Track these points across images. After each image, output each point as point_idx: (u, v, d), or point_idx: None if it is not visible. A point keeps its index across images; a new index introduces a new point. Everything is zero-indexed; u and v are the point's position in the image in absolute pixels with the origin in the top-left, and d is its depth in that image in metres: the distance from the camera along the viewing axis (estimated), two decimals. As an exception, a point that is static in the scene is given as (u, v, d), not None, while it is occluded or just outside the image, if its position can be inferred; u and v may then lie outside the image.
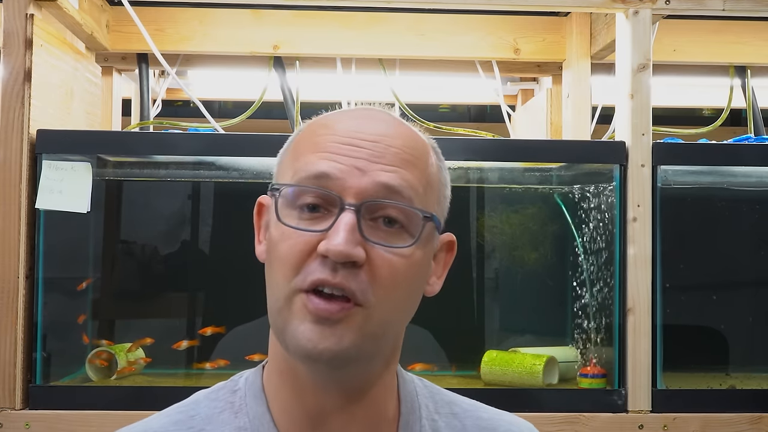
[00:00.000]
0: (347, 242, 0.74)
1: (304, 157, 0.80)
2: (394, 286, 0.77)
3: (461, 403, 0.91)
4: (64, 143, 1.70)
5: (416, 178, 0.79)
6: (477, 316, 2.02)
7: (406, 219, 0.78)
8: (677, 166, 1.80)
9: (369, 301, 0.76)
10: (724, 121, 2.16)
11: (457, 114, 3.31)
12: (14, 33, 1.63)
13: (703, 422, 1.69)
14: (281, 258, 0.77)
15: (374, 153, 0.78)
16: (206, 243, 2.02)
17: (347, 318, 0.75)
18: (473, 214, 2.00)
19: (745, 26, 2.13)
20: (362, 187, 0.76)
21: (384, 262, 0.76)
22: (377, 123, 0.82)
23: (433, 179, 0.83)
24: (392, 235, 0.77)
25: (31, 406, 1.64)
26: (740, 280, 2.03)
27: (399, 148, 0.79)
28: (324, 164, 0.77)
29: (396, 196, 0.77)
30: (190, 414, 0.85)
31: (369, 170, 0.77)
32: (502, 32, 2.12)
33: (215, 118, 2.00)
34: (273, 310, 0.79)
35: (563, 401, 1.73)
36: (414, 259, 0.78)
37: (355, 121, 0.81)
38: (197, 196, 1.99)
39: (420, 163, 0.81)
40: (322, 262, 0.75)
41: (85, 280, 1.90)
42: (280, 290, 0.77)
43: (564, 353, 1.86)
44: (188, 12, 2.06)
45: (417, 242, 0.78)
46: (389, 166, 0.78)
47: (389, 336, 0.81)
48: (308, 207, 0.77)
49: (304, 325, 0.75)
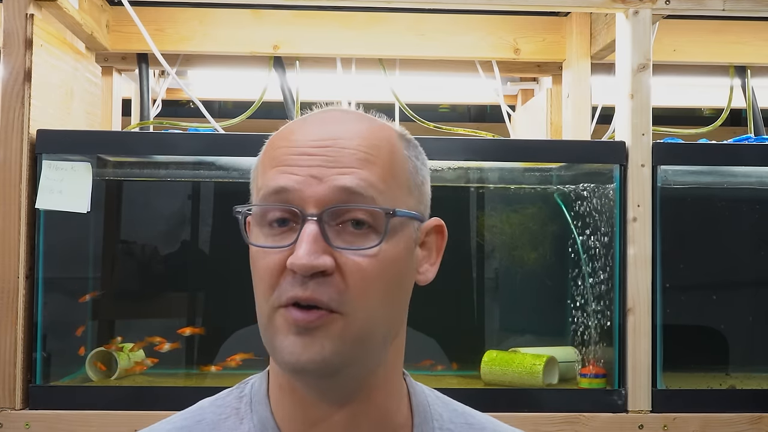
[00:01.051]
0: (309, 254, 0.74)
1: (266, 173, 0.80)
2: (368, 288, 0.76)
3: (476, 415, 0.90)
4: (64, 143, 1.70)
5: (376, 175, 0.78)
6: (477, 316, 2.02)
7: (372, 219, 0.77)
8: (677, 166, 1.80)
9: (345, 307, 0.75)
10: (724, 121, 2.16)
11: (457, 114, 3.31)
12: (14, 33, 1.63)
13: (703, 422, 1.69)
14: (258, 277, 0.78)
15: (328, 158, 0.77)
16: (206, 243, 2.02)
17: (325, 326, 0.75)
18: (473, 214, 2.00)
19: (745, 26, 2.13)
20: (321, 195, 0.76)
21: (353, 266, 0.75)
22: (332, 125, 0.80)
23: (399, 170, 0.81)
24: (361, 236, 0.77)
25: (31, 406, 1.64)
26: (740, 280, 2.03)
27: (354, 149, 0.78)
28: (282, 178, 0.77)
29: (356, 197, 0.76)
30: (195, 419, 0.85)
31: (325, 177, 0.76)
32: (502, 32, 2.12)
33: (215, 118, 2.00)
34: (261, 327, 0.79)
35: (563, 401, 1.73)
36: (385, 257, 0.77)
37: (309, 128, 0.80)
38: (197, 196, 1.99)
39: (379, 159, 0.79)
40: (292, 279, 0.75)
41: (89, 293, 1.90)
42: (261, 309, 0.78)
43: (564, 353, 1.86)
44: (188, 12, 2.06)
45: (383, 240, 0.77)
46: (345, 169, 0.77)
47: (377, 338, 0.79)
48: (277, 222, 0.77)
49: (288, 339, 0.75)
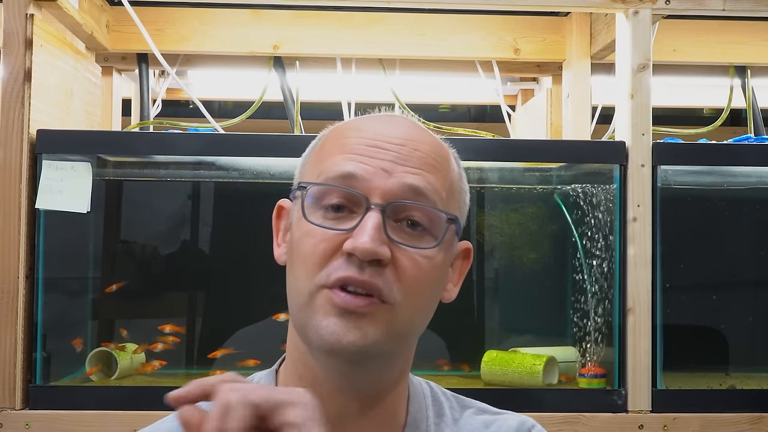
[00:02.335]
0: (374, 240, 0.74)
1: (331, 158, 0.80)
2: (419, 286, 0.78)
3: (474, 403, 0.92)
4: (64, 143, 1.70)
5: (440, 183, 0.80)
6: (477, 316, 2.02)
7: (429, 222, 0.79)
8: (677, 166, 1.80)
9: (395, 299, 0.76)
10: (724, 121, 2.15)
11: (457, 114, 3.30)
12: (14, 33, 1.63)
13: (703, 422, 1.69)
14: (304, 255, 0.77)
15: (400, 156, 0.79)
16: (206, 243, 2.02)
17: (373, 314, 0.75)
18: (473, 214, 2.00)
19: (745, 26, 2.13)
20: (388, 188, 0.77)
21: (409, 262, 0.77)
22: (403, 127, 0.82)
23: (455, 185, 0.84)
24: (415, 237, 0.78)
25: (31, 406, 1.64)
26: (740, 280, 2.03)
27: (424, 153, 0.80)
28: (350, 165, 0.78)
29: (421, 198, 0.78)
30: None
31: (395, 172, 0.78)
32: (502, 32, 2.12)
33: (215, 118, 2.00)
34: (294, 307, 0.79)
35: (563, 401, 1.73)
36: (436, 261, 0.79)
37: (381, 125, 0.82)
38: (197, 196, 1.99)
39: (443, 168, 0.82)
40: (348, 260, 0.75)
41: (115, 284, 1.90)
42: (302, 286, 0.77)
43: (564, 353, 1.86)
44: (188, 12, 2.06)
45: (440, 244, 0.79)
46: (415, 169, 0.79)
47: (411, 337, 0.81)
48: (333, 207, 0.78)
49: (328, 320, 0.75)
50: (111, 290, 1.89)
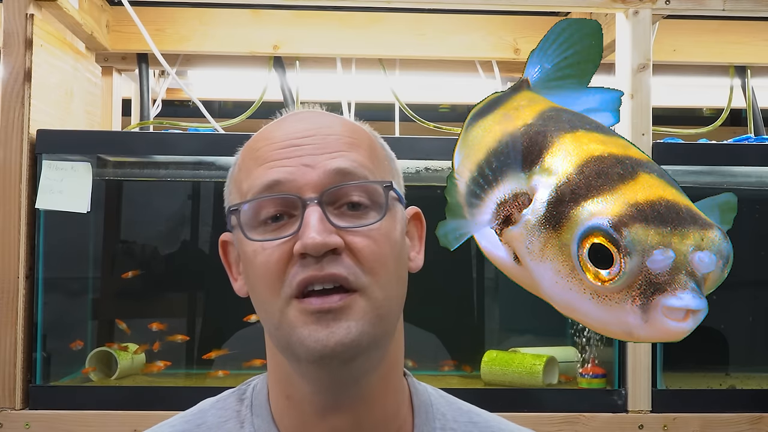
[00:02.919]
0: (320, 232, 0.73)
1: (252, 174, 0.79)
2: (380, 261, 0.76)
3: (482, 414, 0.90)
4: (64, 143, 1.70)
5: (363, 156, 0.80)
6: (477, 316, 2.02)
7: (368, 198, 0.78)
8: (677, 166, 1.80)
9: (363, 283, 0.75)
10: (724, 121, 2.16)
11: (457, 114, 3.30)
12: (14, 33, 1.63)
13: (703, 422, 1.69)
14: (261, 274, 0.76)
15: (316, 146, 0.78)
16: (206, 243, 2.02)
17: (348, 306, 0.74)
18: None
19: (745, 26, 2.13)
20: (316, 180, 0.76)
21: (362, 242, 0.76)
22: (310, 119, 0.82)
23: (378, 153, 0.83)
24: (361, 216, 0.77)
25: (31, 406, 1.64)
26: (740, 280, 2.02)
27: (338, 135, 0.80)
28: (272, 172, 0.77)
29: (350, 176, 0.77)
30: (196, 423, 0.85)
31: (316, 163, 0.77)
32: (502, 32, 2.12)
33: (215, 118, 2.00)
34: (271, 328, 0.77)
35: (563, 401, 1.73)
36: (387, 231, 0.78)
37: (288, 125, 0.82)
38: (197, 196, 1.99)
39: (361, 141, 0.81)
40: (303, 262, 0.74)
41: (131, 271, 1.90)
42: (271, 305, 0.76)
43: (564, 353, 1.86)
44: (188, 12, 2.06)
45: (385, 213, 0.78)
46: (334, 153, 0.78)
47: (393, 316, 0.79)
48: (271, 219, 0.77)
49: (308, 328, 0.74)
50: (127, 276, 1.88)
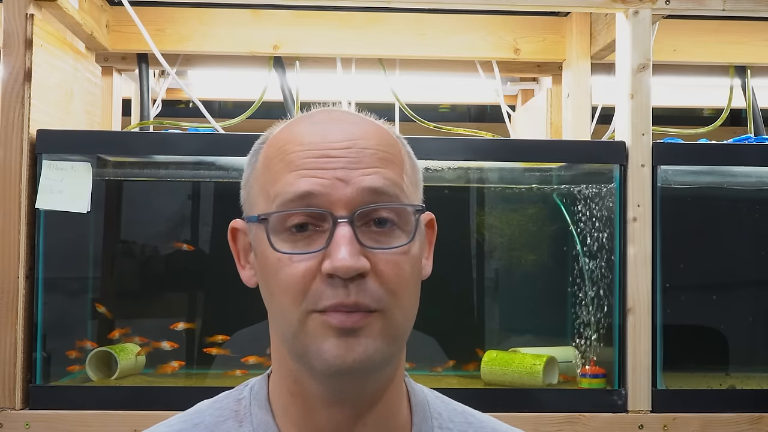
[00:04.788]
0: (352, 255, 0.73)
1: (281, 179, 0.78)
2: (403, 285, 0.77)
3: (476, 414, 0.91)
4: (64, 143, 1.70)
5: (396, 174, 0.79)
6: (477, 316, 2.02)
7: (397, 217, 0.78)
8: (677, 166, 1.80)
9: (384, 306, 0.75)
10: (724, 121, 2.16)
11: (457, 114, 3.31)
12: (14, 33, 1.63)
13: (703, 422, 1.69)
14: (284, 286, 0.76)
15: (350, 159, 0.77)
16: (206, 243, 2.01)
17: (368, 325, 0.75)
18: (473, 214, 2.00)
19: (745, 26, 2.13)
20: (349, 197, 0.75)
21: (388, 265, 0.76)
22: (346, 126, 0.80)
23: (410, 169, 0.82)
24: (386, 234, 0.77)
25: (31, 406, 1.64)
26: (740, 280, 2.02)
27: (374, 148, 0.78)
28: (304, 182, 0.76)
29: (383, 197, 0.77)
30: (193, 422, 0.85)
31: (351, 179, 0.76)
32: (502, 32, 2.12)
33: (215, 118, 2.00)
34: (287, 335, 0.78)
35: (563, 401, 1.73)
36: (413, 254, 0.79)
37: (321, 129, 0.80)
38: (197, 196, 1.99)
39: (396, 157, 0.80)
40: (330, 282, 0.74)
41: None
42: (290, 314, 0.76)
43: (564, 353, 1.86)
44: (188, 12, 2.06)
45: (413, 238, 0.78)
46: (369, 169, 0.77)
47: (407, 334, 0.81)
48: (296, 227, 0.76)
49: (328, 342, 0.74)
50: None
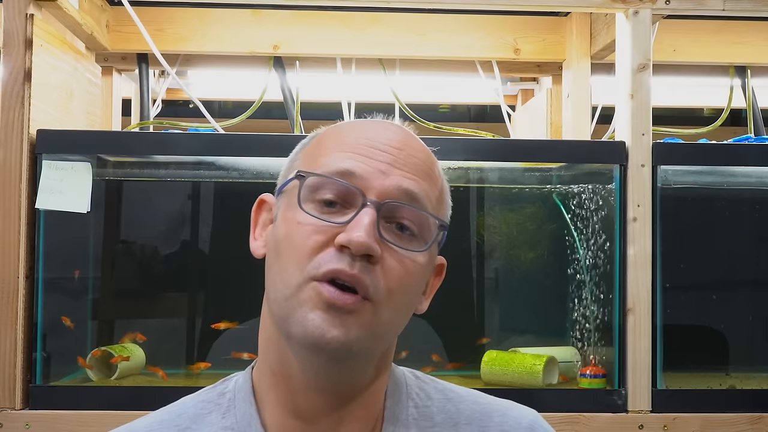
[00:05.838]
0: (369, 235, 0.75)
1: (330, 154, 0.81)
2: (403, 287, 0.79)
3: (457, 390, 0.93)
4: (64, 143, 1.70)
5: (432, 191, 0.83)
6: (477, 316, 2.02)
7: (418, 227, 0.80)
8: (677, 166, 1.80)
9: (379, 298, 0.77)
10: (724, 121, 2.16)
11: (457, 114, 3.31)
12: (14, 33, 1.63)
13: (703, 422, 1.69)
14: (295, 246, 0.78)
15: (398, 159, 0.81)
16: (206, 243, 2.02)
17: (358, 311, 0.76)
18: (473, 213, 2.00)
19: (745, 26, 2.13)
20: (384, 188, 0.79)
21: (396, 263, 0.78)
22: (400, 134, 0.85)
23: (443, 195, 0.86)
24: (404, 240, 0.80)
25: (31, 406, 1.64)
26: (740, 280, 2.03)
27: (420, 160, 0.83)
28: (349, 162, 0.79)
29: (415, 202, 0.80)
30: (177, 413, 0.86)
31: (391, 174, 0.80)
32: (502, 32, 2.12)
33: (215, 118, 2.00)
34: (279, 297, 0.79)
35: (563, 401, 1.73)
36: (421, 266, 0.81)
37: (380, 128, 0.84)
38: (197, 196, 1.99)
39: (434, 178, 0.84)
40: (339, 253, 0.76)
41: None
42: (290, 277, 0.77)
43: (564, 353, 1.86)
44: (188, 12, 2.06)
45: (429, 248, 0.81)
46: (411, 174, 0.81)
47: (388, 338, 0.82)
48: (325, 202, 0.79)
49: (314, 313, 0.75)
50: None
